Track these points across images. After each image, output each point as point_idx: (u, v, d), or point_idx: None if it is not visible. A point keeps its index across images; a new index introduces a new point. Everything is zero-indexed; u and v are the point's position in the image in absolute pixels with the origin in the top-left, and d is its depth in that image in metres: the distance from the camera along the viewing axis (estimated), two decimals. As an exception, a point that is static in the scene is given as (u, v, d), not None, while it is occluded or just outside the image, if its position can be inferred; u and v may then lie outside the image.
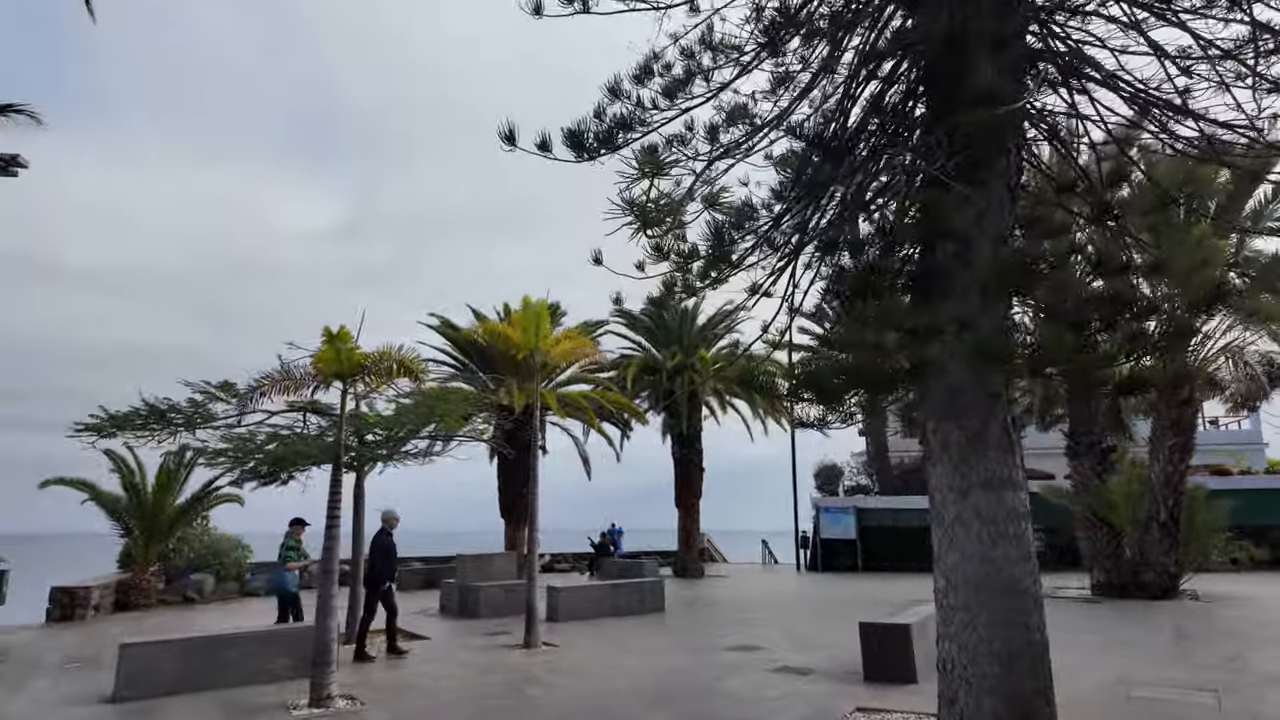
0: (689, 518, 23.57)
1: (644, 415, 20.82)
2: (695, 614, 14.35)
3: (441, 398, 11.54)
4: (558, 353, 11.29)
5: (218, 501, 18.44)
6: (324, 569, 7.65)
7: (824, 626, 12.24)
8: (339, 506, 7.78)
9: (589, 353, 11.43)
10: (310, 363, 8.06)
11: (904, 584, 19.38)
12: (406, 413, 10.57)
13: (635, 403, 22.60)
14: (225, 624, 13.82)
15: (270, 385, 8.14)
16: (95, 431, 10.26)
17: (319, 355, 7.77)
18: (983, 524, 4.80)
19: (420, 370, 8.28)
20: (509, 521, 21.11)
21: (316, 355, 7.83)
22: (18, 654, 11.00)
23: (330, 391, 9.29)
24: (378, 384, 8.29)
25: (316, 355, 7.83)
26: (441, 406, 11.16)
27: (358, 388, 8.21)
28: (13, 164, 13.99)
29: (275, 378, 8.15)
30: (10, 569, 11.55)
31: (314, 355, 7.87)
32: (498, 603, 13.95)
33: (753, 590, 19.25)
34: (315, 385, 8.27)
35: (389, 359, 7.81)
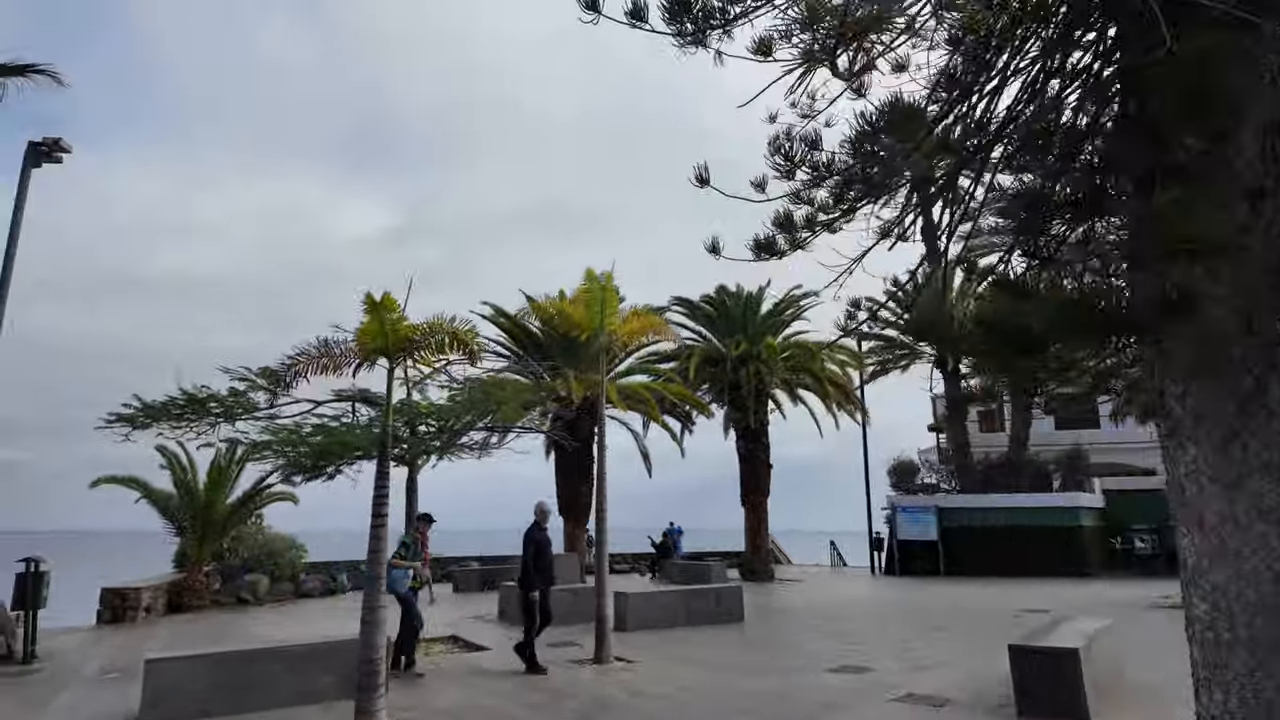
0: (756, 517, 22.14)
1: (708, 408, 19.51)
2: (778, 624, 12.98)
3: (499, 386, 10.48)
4: (625, 332, 10.09)
5: (270, 499, 17.86)
6: (369, 574, 6.60)
7: (935, 641, 10.74)
8: (386, 501, 6.72)
9: (660, 332, 10.19)
10: (352, 338, 7.03)
11: (998, 590, 17.62)
12: (462, 402, 9.55)
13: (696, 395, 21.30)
14: (276, 629, 13.06)
15: (308, 364, 7.14)
16: (128, 422, 9.47)
17: (361, 329, 6.73)
18: (1270, 525, 3.38)
19: (475, 343, 7.16)
20: (568, 520, 20.04)
21: (359, 329, 6.80)
22: (59, 659, 10.35)
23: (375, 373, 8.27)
24: (428, 360, 7.20)
25: (359, 329, 6.80)
26: (499, 395, 10.09)
27: (405, 365, 7.15)
28: (55, 149, 13.54)
29: (313, 355, 7.15)
30: (51, 569, 10.93)
31: (357, 330, 6.84)
32: (562, 609, 12.80)
33: (833, 596, 17.76)
34: (358, 363, 7.24)
35: (440, 331, 6.73)
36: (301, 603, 17.71)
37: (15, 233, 13.00)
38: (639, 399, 17.52)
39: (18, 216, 13.04)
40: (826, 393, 21.76)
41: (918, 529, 24.62)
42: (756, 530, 22.14)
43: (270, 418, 10.28)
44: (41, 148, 13.31)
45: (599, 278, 9.59)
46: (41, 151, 13.33)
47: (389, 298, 6.38)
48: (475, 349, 7.06)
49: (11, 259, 12.84)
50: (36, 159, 13.34)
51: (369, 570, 6.62)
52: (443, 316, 6.78)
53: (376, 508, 6.65)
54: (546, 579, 9.12)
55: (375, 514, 6.64)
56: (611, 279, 9.64)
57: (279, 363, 7.05)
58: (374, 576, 6.55)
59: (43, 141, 13.32)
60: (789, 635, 11.70)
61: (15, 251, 12.93)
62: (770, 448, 22.56)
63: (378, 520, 6.61)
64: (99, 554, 43.93)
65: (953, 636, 11.21)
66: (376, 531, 6.57)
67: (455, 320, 6.77)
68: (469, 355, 7.05)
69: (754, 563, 21.87)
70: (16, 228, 13.02)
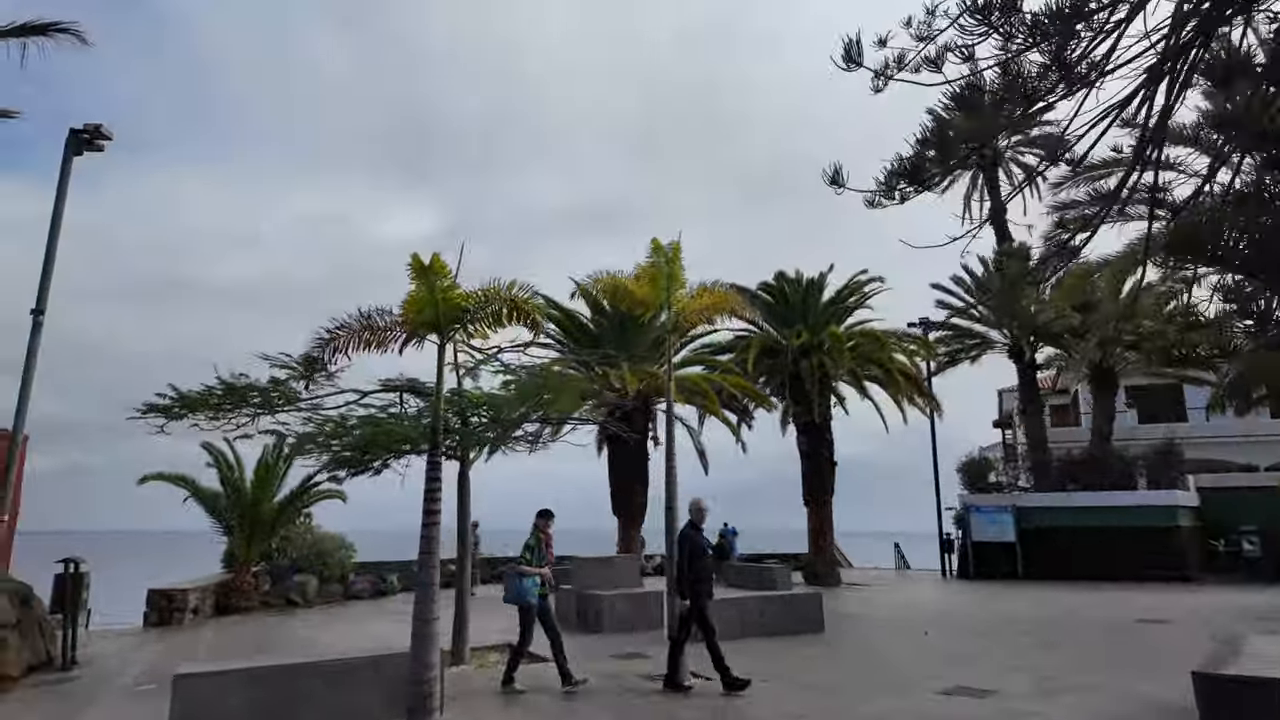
0: (820, 517, 20.86)
1: (770, 401, 18.35)
2: (863, 635, 11.77)
3: (555, 374, 9.56)
4: (694, 309, 9.06)
5: (319, 497, 17.31)
6: (421, 579, 5.72)
7: (1054, 656, 9.45)
8: (438, 496, 5.83)
9: (735, 309, 9.09)
10: (399, 310, 6.17)
11: (1096, 596, 16.08)
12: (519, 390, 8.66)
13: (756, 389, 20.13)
14: (324, 634, 12.40)
15: (347, 338, 6.31)
16: (163, 413, 8.80)
17: (408, 299, 5.87)
18: None
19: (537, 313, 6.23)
20: (621, 520, 19.10)
21: (406, 300, 5.94)
22: (98, 666, 9.78)
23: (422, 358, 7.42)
24: (483, 334, 6.31)
25: (406, 300, 5.94)
26: (557, 383, 9.18)
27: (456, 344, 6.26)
28: (97, 135, 13.13)
29: (353, 328, 6.31)
30: (90, 570, 10.41)
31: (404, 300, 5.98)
32: (623, 615, 11.88)
33: (911, 602, 16.43)
34: (404, 338, 6.39)
35: (497, 299, 5.82)
36: (351, 605, 17.12)
37: (58, 220, 12.64)
38: (697, 391, 16.46)
39: (59, 205, 12.68)
40: (897, 385, 20.36)
41: (994, 530, 23.03)
42: (821, 532, 20.86)
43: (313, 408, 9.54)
44: (83, 134, 12.93)
45: (665, 249, 8.59)
46: (83, 139, 12.94)
47: (438, 261, 5.49)
48: (538, 319, 6.13)
49: (54, 247, 12.47)
50: (78, 146, 12.96)
51: (422, 575, 5.73)
52: (499, 282, 5.86)
53: (428, 504, 5.77)
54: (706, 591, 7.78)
55: (427, 511, 5.76)
56: (679, 251, 8.63)
57: (315, 337, 6.20)
58: (427, 583, 5.66)
59: (84, 128, 12.93)
60: (881, 648, 10.51)
61: (57, 240, 12.56)
62: (834, 444, 21.28)
63: (430, 518, 5.73)
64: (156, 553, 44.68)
65: (1074, 651, 9.90)
66: (428, 531, 5.68)
67: (514, 287, 5.84)
68: (531, 326, 6.12)
69: (818, 566, 20.59)
70: (59, 215, 12.66)
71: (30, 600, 10.04)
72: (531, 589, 7.81)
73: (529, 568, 7.82)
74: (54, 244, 12.52)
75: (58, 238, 12.60)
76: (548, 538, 8.19)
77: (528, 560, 7.89)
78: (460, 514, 10.16)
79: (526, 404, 9.72)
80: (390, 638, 11.61)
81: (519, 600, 7.87)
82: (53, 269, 12.38)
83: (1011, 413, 39.71)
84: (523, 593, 7.77)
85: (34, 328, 11.95)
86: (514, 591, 7.87)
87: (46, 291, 12.19)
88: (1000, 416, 42.67)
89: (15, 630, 9.26)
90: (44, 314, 12.07)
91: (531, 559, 7.89)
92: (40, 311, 12.04)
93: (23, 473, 13.15)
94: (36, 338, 11.95)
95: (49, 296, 12.17)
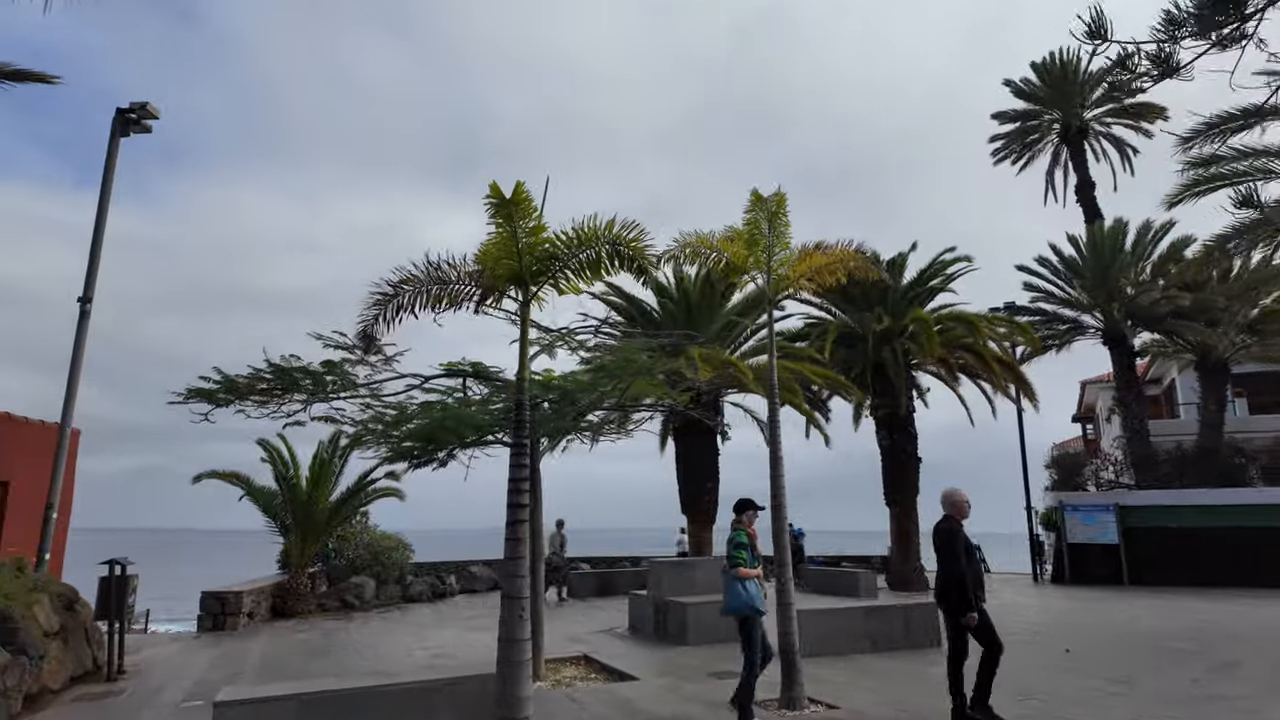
0: (906, 519, 19.24)
1: (856, 390, 16.87)
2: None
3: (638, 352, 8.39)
4: (802, 271, 7.76)
5: (375, 495, 16.53)
6: (507, 591, 4.60)
7: (1246, 682, 7.89)
8: (525, 489, 4.71)
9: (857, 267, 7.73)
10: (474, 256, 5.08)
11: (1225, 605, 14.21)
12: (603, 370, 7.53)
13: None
14: (384, 642, 11.48)
15: (413, 294, 5.24)
16: (207, 399, 7.90)
17: (485, 246, 4.77)
18: None
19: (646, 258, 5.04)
20: (692, 520, 17.85)
21: (482, 247, 4.84)
22: (145, 677, 9.00)
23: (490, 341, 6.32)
24: (576, 287, 5.16)
25: (482, 247, 4.84)
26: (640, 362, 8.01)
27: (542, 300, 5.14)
28: (144, 114, 12.50)
29: (420, 281, 5.24)
30: (138, 573, 9.66)
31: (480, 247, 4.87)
32: (709, 626, 10.64)
33: (1019, 610, 14.79)
34: (479, 295, 5.31)
35: (595, 241, 4.66)
36: (409, 608, 16.30)
37: (104, 205, 12.05)
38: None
39: (106, 188, 12.09)
40: (992, 373, 18.62)
41: (1094, 530, 21.08)
42: (905, 534, 19.24)
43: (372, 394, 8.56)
44: (129, 114, 12.30)
45: (766, 201, 7.33)
46: (129, 119, 12.32)
47: (523, 191, 4.35)
48: (647, 263, 4.95)
49: (101, 232, 11.88)
50: (124, 127, 12.34)
51: (509, 586, 4.60)
52: (594, 220, 4.68)
53: (514, 498, 4.65)
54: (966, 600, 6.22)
55: (513, 506, 4.64)
56: (783, 203, 7.35)
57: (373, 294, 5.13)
58: (515, 595, 4.53)
59: (130, 107, 12.31)
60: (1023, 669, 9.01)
61: (105, 225, 11.97)
62: (918, 439, 19.66)
63: (516, 515, 4.60)
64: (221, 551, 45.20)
65: (1266, 671, 8.31)
66: (515, 532, 4.56)
67: (613, 225, 4.66)
68: (638, 274, 4.96)
69: (904, 570, 18.99)
70: (106, 198, 12.07)
71: (76, 604, 9.34)
72: (758, 594, 6.37)
73: (749, 569, 6.42)
74: (101, 229, 11.94)
75: (105, 222, 12.02)
76: (754, 535, 6.78)
77: (743, 560, 6.47)
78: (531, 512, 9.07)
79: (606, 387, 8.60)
80: (455, 649, 10.66)
81: (746, 609, 6.35)
82: (100, 255, 11.79)
83: (1095, 406, 37.26)
84: (751, 600, 6.31)
85: (81, 316, 11.34)
86: (738, 599, 6.35)
87: (94, 278, 11.59)
88: (1080, 410, 40.11)
89: (58, 638, 8.53)
90: (91, 302, 11.46)
91: (745, 559, 6.47)
92: (87, 300, 11.43)
93: (74, 469, 12.62)
94: (84, 327, 11.33)
95: (96, 284, 11.58)
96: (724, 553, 6.82)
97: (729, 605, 6.42)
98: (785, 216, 7.42)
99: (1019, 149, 29.36)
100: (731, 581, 6.39)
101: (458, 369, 8.97)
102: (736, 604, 6.35)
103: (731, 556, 6.47)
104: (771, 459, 7.66)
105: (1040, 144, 29.15)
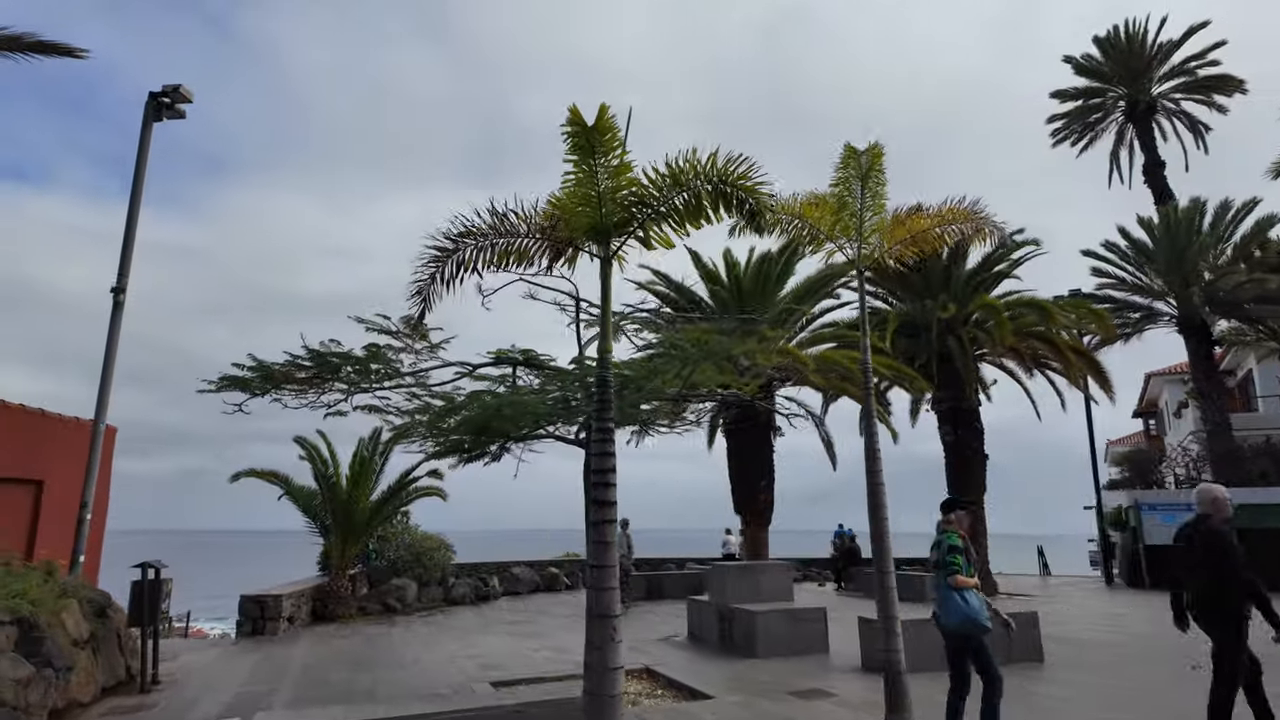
0: (973, 519, 18.08)
1: (923, 381, 15.79)
2: (1106, 667, 9.20)
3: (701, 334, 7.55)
4: (901, 234, 6.82)
5: (417, 494, 15.93)
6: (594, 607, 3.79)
7: None
8: (613, 480, 3.89)
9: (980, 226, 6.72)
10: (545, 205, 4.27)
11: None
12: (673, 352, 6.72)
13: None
14: (431, 650, 10.80)
15: (477, 249, 4.44)
16: (242, 387, 7.25)
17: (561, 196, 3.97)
18: None
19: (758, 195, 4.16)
20: (746, 520, 16.94)
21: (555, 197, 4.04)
22: (180, 688, 8.40)
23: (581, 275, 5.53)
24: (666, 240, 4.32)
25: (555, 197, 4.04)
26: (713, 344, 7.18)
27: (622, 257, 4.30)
28: (177, 97, 12.00)
29: (484, 233, 4.44)
30: (171, 578, 9.08)
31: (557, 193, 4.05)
32: (779, 636, 9.77)
33: (1109, 618, 13.62)
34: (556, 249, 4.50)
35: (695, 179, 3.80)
36: (452, 611, 15.67)
37: (138, 190, 11.58)
38: (839, 372, 14.11)
39: (139, 174, 11.62)
40: (1068, 363, 17.37)
41: (1171, 531, 19.68)
42: (971, 535, 18.03)
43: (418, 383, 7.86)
44: (162, 99, 11.81)
45: (859, 156, 6.41)
46: (162, 103, 11.83)
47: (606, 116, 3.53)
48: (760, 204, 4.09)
49: (134, 219, 11.40)
50: (157, 112, 11.84)
51: (596, 602, 3.79)
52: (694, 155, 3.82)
53: (600, 492, 3.84)
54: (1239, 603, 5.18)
55: (599, 504, 3.82)
56: (880, 157, 6.43)
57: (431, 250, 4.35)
58: (604, 614, 3.72)
59: (162, 91, 11.82)
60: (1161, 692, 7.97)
61: (138, 211, 11.49)
62: (984, 434, 18.48)
63: (603, 512, 3.79)
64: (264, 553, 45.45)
65: None
66: (602, 532, 3.75)
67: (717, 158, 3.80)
68: (749, 219, 4.11)
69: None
70: (139, 184, 11.60)
71: (108, 610, 8.79)
72: (981, 608, 5.35)
73: (966, 577, 5.42)
74: (134, 216, 11.47)
75: (138, 210, 11.55)
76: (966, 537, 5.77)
77: (959, 566, 5.42)
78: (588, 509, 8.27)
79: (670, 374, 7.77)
80: (505, 658, 9.90)
81: (971, 625, 5.31)
82: (134, 242, 11.31)
83: (1158, 400, 35.41)
84: (974, 614, 5.29)
85: (114, 307, 10.85)
86: (960, 612, 5.32)
87: (128, 266, 11.11)
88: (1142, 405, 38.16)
89: (88, 648, 7.96)
90: (124, 291, 10.97)
91: (962, 565, 5.46)
92: (121, 289, 10.94)
93: (109, 467, 12.18)
94: (117, 318, 10.84)
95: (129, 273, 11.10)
96: (932, 558, 5.84)
97: (950, 620, 5.39)
98: (882, 173, 6.50)
99: (1080, 129, 27.82)
100: (948, 592, 5.41)
101: (507, 356, 8.22)
102: (958, 618, 5.32)
103: (948, 563, 5.48)
104: (867, 453, 6.76)
105: (1104, 123, 27.59)
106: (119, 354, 10.75)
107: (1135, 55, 25.79)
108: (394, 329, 7.51)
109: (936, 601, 5.60)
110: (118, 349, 10.79)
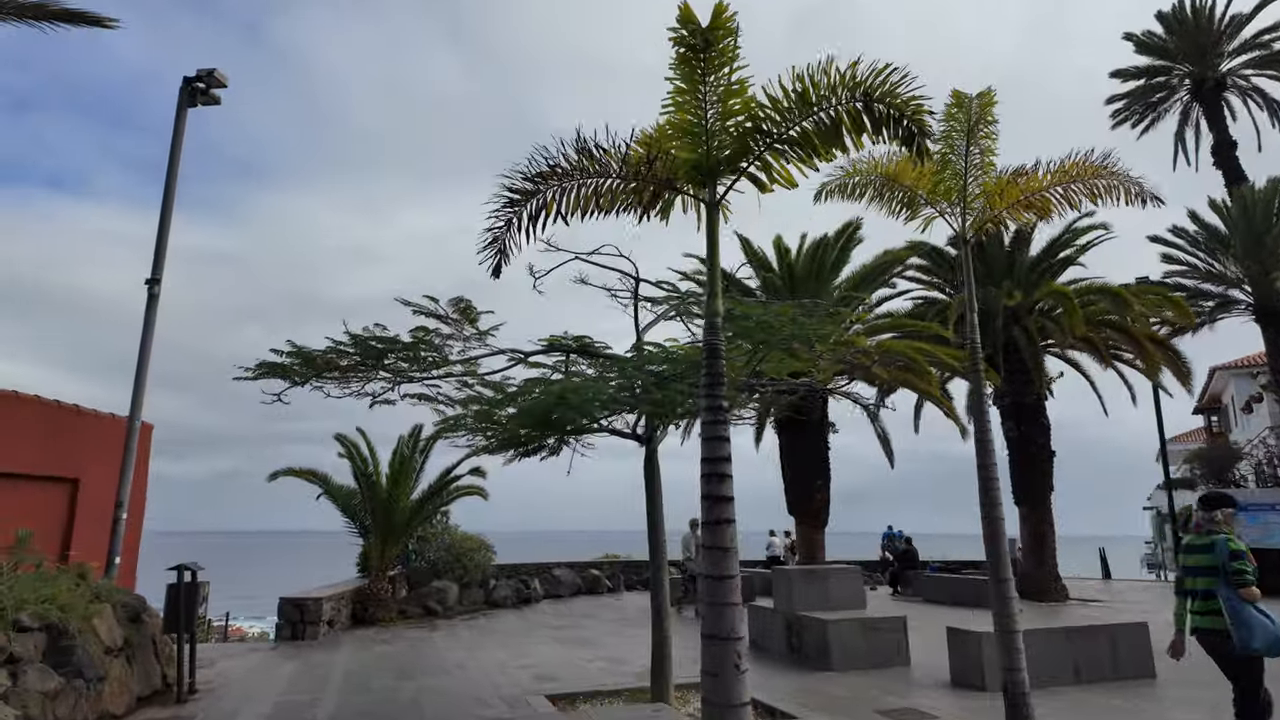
0: (1039, 520, 17.05)
1: (994, 374, 14.84)
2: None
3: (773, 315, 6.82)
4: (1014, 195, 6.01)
5: (458, 494, 15.39)
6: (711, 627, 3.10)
7: None
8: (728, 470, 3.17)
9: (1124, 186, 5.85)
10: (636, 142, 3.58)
11: None
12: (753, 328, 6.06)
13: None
14: (477, 658, 10.20)
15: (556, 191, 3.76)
16: (281, 374, 6.68)
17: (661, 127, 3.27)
18: None
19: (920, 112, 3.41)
20: (801, 521, 16.13)
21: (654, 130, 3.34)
22: (217, 697, 7.89)
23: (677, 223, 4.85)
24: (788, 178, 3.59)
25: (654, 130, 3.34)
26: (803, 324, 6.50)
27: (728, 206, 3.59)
28: (211, 82, 11.58)
29: (567, 171, 3.76)
30: (208, 581, 8.59)
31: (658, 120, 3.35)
32: (854, 647, 8.98)
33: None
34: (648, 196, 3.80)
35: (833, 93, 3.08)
36: (495, 615, 15.11)
37: (172, 181, 11.18)
38: (903, 363, 13.25)
39: (174, 164, 11.22)
40: (1146, 354, 16.26)
41: (1256, 533, 18.39)
42: (1040, 537, 17.04)
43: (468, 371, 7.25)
44: (197, 84, 11.41)
45: (968, 104, 5.62)
46: (197, 88, 11.43)
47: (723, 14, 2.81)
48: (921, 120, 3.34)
49: (169, 210, 11.01)
50: (191, 98, 11.44)
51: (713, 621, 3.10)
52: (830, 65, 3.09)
53: (713, 485, 3.14)
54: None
55: (713, 500, 3.12)
56: (991, 103, 5.63)
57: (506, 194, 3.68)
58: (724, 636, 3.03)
59: (197, 76, 11.41)
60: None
61: (173, 202, 11.10)
62: (1051, 430, 17.44)
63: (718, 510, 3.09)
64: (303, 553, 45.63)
65: None
66: (717, 535, 3.04)
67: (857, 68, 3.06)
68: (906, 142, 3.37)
69: (1040, 579, 16.80)
70: (173, 174, 11.20)
71: (143, 615, 8.32)
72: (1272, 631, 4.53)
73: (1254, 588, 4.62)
74: (169, 207, 11.08)
75: (173, 200, 11.15)
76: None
77: (1251, 576, 4.66)
78: (650, 509, 7.56)
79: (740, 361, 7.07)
80: (557, 668, 9.22)
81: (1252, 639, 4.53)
82: (168, 234, 10.91)
83: (1221, 394, 33.74)
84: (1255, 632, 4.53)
85: (149, 299, 10.46)
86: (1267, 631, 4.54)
87: (163, 258, 10.71)
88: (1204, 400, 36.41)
89: (121, 655, 7.48)
90: (159, 283, 10.57)
91: (1248, 570, 4.65)
92: (155, 281, 10.55)
93: (146, 465, 11.80)
94: (153, 310, 10.44)
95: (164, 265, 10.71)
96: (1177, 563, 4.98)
97: (1256, 642, 4.53)
98: (993, 125, 5.70)
99: (1141, 109, 26.43)
100: (1241, 606, 4.58)
101: (561, 343, 7.57)
102: (1268, 640, 4.51)
103: (1239, 571, 4.64)
104: (978, 446, 5.96)
105: (1167, 102, 26.17)
106: (153, 354, 10.36)
107: (1203, 30, 24.38)
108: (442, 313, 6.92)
109: (1228, 617, 4.63)
110: (153, 342, 10.40)
